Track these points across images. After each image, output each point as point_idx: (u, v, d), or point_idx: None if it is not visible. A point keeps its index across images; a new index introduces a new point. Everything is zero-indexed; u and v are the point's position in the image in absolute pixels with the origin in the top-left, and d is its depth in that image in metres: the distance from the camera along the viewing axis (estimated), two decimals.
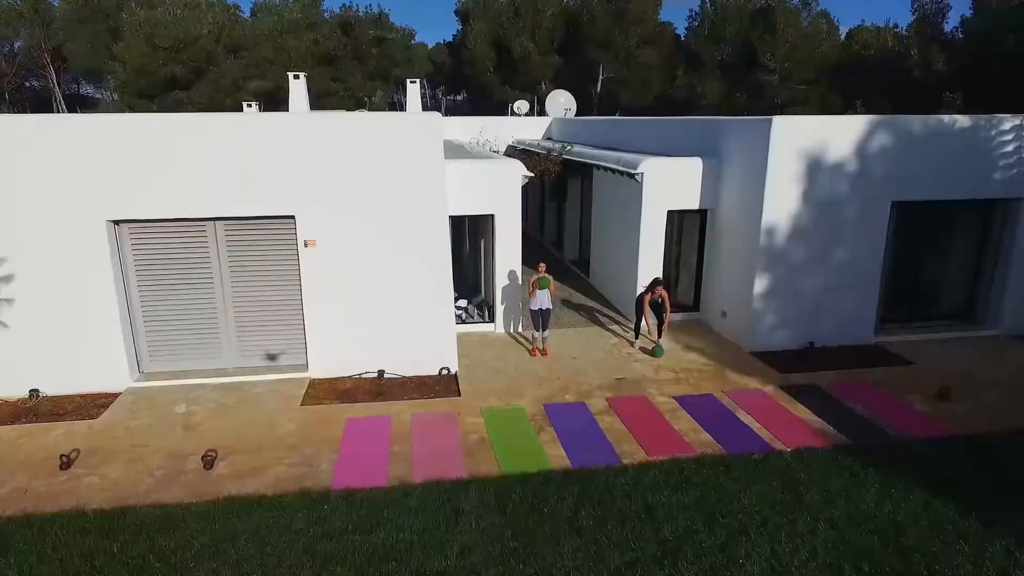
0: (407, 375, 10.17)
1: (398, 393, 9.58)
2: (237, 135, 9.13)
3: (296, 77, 19.96)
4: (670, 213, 12.21)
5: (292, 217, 9.53)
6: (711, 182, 12.01)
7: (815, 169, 10.57)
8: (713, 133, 12.20)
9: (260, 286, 9.88)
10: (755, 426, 8.55)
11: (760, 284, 10.93)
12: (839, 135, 10.50)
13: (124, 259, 9.54)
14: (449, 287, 10.12)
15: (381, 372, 10.07)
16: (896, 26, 42.71)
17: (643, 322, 11.23)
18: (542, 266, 10.88)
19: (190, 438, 8.19)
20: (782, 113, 38.78)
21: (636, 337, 11.41)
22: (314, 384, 9.82)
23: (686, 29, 47.29)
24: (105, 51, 39.61)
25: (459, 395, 9.49)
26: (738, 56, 43.68)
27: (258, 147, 9.17)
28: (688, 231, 12.77)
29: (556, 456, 7.76)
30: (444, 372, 10.28)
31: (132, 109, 35.88)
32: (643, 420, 8.70)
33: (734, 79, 43.85)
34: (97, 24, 41.84)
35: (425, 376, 10.18)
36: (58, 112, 40.33)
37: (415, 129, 9.49)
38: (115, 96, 42.29)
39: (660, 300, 11.00)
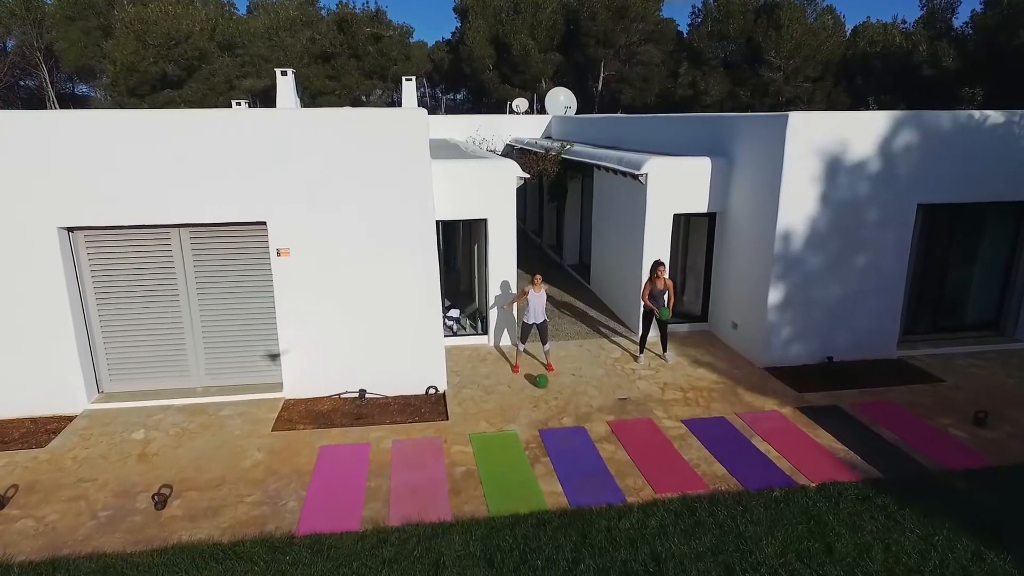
0: (390, 395, 9.34)
1: (380, 416, 8.74)
2: (203, 133, 8.28)
3: (284, 74, 19.15)
4: (676, 216, 11.35)
5: (263, 223, 8.69)
6: (720, 183, 11.15)
7: (834, 169, 9.71)
8: (723, 131, 11.35)
9: (230, 299, 9.04)
10: (773, 455, 7.70)
11: (775, 294, 10.08)
12: (860, 132, 9.65)
13: (80, 270, 8.71)
14: (437, 299, 9.29)
15: (362, 392, 9.24)
16: (904, 22, 41.86)
17: (648, 333, 10.42)
18: (538, 278, 9.99)
19: (144, 470, 7.35)
20: (787, 111, 37.91)
21: (641, 351, 10.55)
22: (288, 406, 8.98)
23: (688, 26, 46.49)
24: (96, 49, 38.81)
25: (446, 418, 8.65)
26: (742, 53, 42.82)
27: (226, 147, 8.34)
28: (695, 236, 11.93)
29: (552, 493, 6.91)
30: (431, 391, 9.44)
31: (122, 108, 35.07)
32: (649, 448, 7.85)
33: (737, 76, 42.98)
34: (88, 21, 40.96)
35: (410, 396, 9.35)
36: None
37: (398, 126, 8.64)
38: (109, 95, 41.47)
39: (664, 292, 10.10)
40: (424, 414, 8.83)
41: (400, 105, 32.80)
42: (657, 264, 10.12)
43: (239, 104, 25.46)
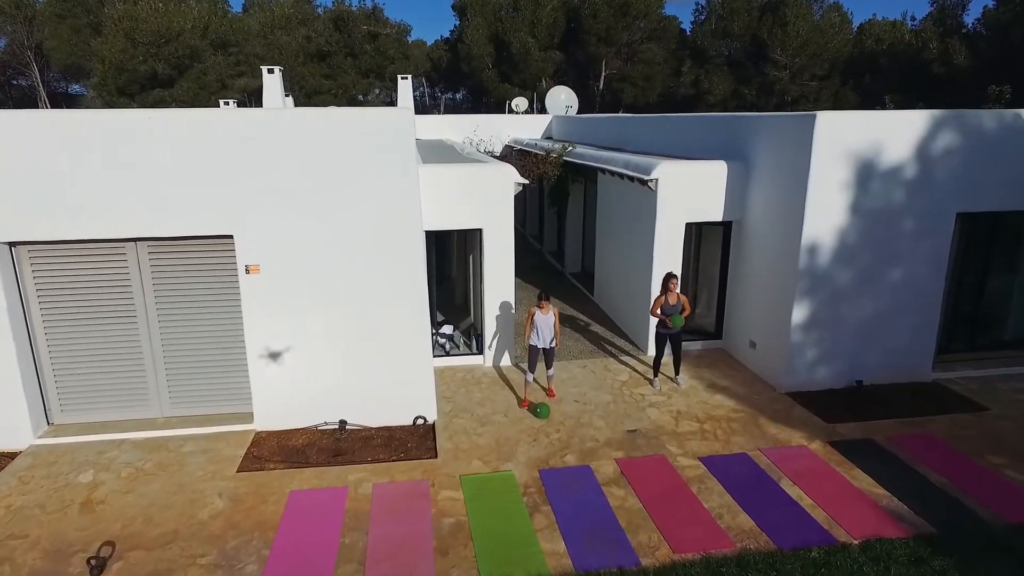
0: (374, 426, 8.40)
1: (360, 452, 7.81)
2: (161, 137, 7.33)
3: (270, 72, 18.22)
4: (688, 225, 10.41)
5: (230, 237, 7.75)
6: (737, 189, 10.21)
7: (866, 174, 8.77)
8: (739, 132, 10.40)
9: (194, 320, 8.10)
10: (806, 502, 6.75)
11: (799, 311, 9.13)
12: (895, 134, 8.71)
13: (24, 288, 7.77)
14: (425, 319, 8.35)
15: (342, 423, 8.30)
16: (913, 19, 40.92)
17: (662, 356, 9.48)
18: (545, 303, 8.84)
19: (85, 523, 6.40)
20: (792, 110, 36.95)
21: (655, 375, 9.59)
22: (259, 440, 8.04)
23: (691, 23, 45.57)
24: (86, 47, 37.88)
25: (435, 455, 7.70)
26: (746, 51, 41.87)
27: (187, 151, 7.39)
28: (709, 246, 10.98)
29: (554, 553, 5.97)
30: (419, 422, 8.50)
31: (111, 107, 34.07)
32: (664, 493, 6.91)
33: (742, 75, 42.02)
34: (78, 19, 40.06)
35: (396, 427, 8.41)
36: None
37: (380, 128, 7.70)
38: (99, 95, 40.54)
39: (677, 307, 9.18)
40: (410, 449, 7.89)
41: (395, 104, 31.86)
42: (670, 276, 9.16)
43: (227, 104, 24.52)
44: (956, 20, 37.50)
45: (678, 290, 9.20)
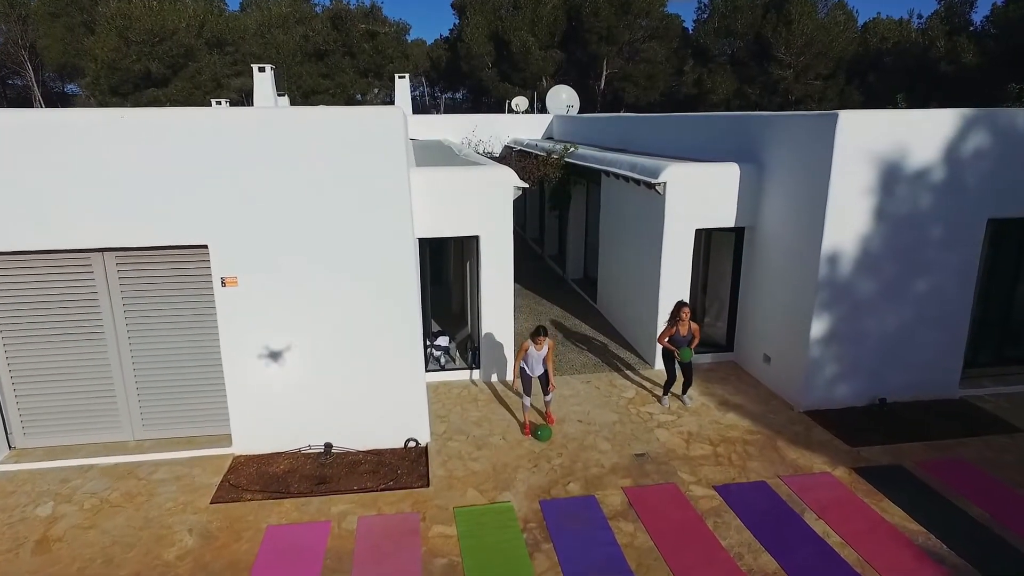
0: (362, 449, 7.80)
1: (346, 479, 7.20)
2: (128, 138, 6.73)
3: (261, 70, 17.64)
4: (698, 232, 9.81)
5: (205, 247, 7.14)
6: (750, 193, 9.60)
7: (891, 178, 8.17)
8: (752, 132, 9.79)
9: (166, 336, 7.49)
10: (833, 539, 6.14)
11: (818, 325, 8.52)
12: (922, 134, 8.10)
13: None
14: (417, 333, 7.74)
15: (328, 446, 7.69)
16: (920, 16, 40.34)
17: (675, 370, 8.84)
18: (541, 338, 8.02)
19: (38, 566, 5.80)
20: (797, 110, 36.37)
21: (665, 394, 8.98)
22: (237, 466, 7.43)
23: (694, 21, 45.04)
24: (80, 46, 37.32)
25: (427, 483, 7.09)
26: (749, 50, 41.30)
27: (159, 153, 6.78)
28: (719, 253, 10.38)
29: None
30: (411, 445, 7.89)
31: (104, 107, 33.52)
32: (676, 528, 6.30)
33: (745, 74, 41.44)
34: (72, 17, 39.49)
35: (385, 451, 7.80)
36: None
37: (368, 129, 7.10)
38: (92, 94, 39.95)
39: (688, 338, 8.55)
40: (400, 476, 7.29)
41: (393, 103, 31.25)
42: (681, 306, 8.52)
43: (219, 103, 23.94)
44: (963, 18, 36.96)
45: (690, 319, 8.55)
